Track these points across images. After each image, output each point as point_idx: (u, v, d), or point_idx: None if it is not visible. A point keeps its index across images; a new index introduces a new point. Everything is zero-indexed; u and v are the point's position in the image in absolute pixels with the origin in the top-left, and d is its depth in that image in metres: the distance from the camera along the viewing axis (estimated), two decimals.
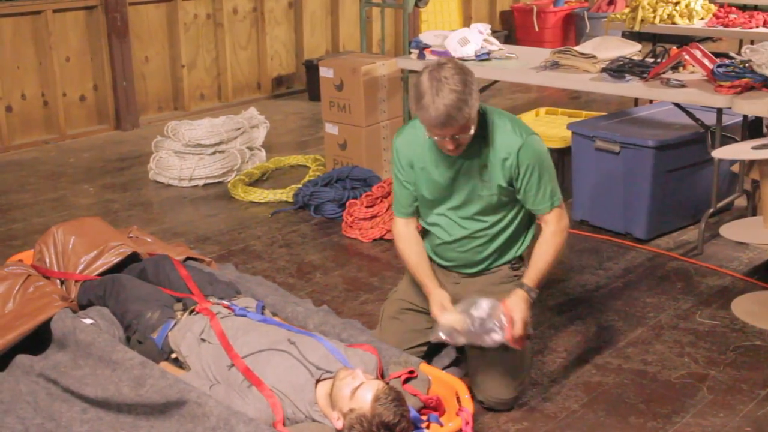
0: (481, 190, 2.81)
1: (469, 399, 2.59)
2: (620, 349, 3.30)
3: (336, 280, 3.98)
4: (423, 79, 2.61)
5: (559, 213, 2.85)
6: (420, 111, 2.62)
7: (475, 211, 2.87)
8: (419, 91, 2.61)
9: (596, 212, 4.48)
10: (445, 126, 2.60)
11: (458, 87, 2.57)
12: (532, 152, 2.76)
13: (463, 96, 2.58)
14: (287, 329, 2.88)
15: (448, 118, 2.58)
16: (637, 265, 4.07)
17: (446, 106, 2.56)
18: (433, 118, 2.59)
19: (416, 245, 2.98)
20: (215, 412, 2.46)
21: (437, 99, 2.56)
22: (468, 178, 2.81)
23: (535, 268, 2.82)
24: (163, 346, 2.92)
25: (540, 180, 2.78)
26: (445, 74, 2.58)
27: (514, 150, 2.74)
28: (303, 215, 4.82)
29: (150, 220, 4.84)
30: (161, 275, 3.28)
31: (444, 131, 2.62)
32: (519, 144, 2.74)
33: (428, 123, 2.63)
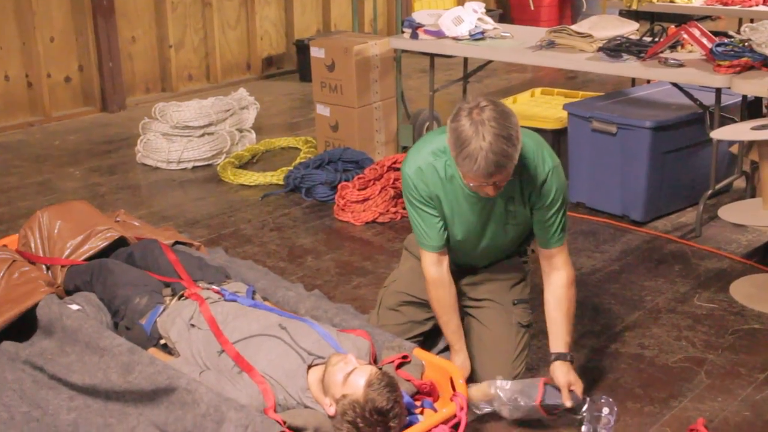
0: (508, 222, 2.75)
1: (464, 384, 2.59)
2: (617, 333, 3.31)
3: (328, 264, 3.98)
4: (463, 123, 2.39)
5: (566, 250, 2.76)
6: (464, 161, 2.39)
7: (500, 244, 2.86)
8: (460, 138, 2.39)
9: (593, 194, 4.48)
10: (492, 176, 2.42)
11: (505, 132, 2.37)
12: (559, 181, 2.66)
13: (511, 142, 2.38)
14: (278, 314, 2.88)
15: (498, 168, 2.39)
16: (634, 248, 4.07)
17: (496, 155, 2.36)
18: (482, 169, 2.38)
19: (449, 295, 2.80)
20: (205, 398, 2.46)
21: (484, 146, 2.35)
22: (497, 215, 2.72)
23: (562, 332, 2.73)
24: (151, 332, 2.92)
25: (559, 211, 2.69)
26: (486, 116, 2.37)
27: (540, 179, 2.63)
28: (294, 198, 4.81)
29: (138, 203, 4.82)
30: (149, 260, 3.27)
31: (489, 180, 2.45)
32: (547, 172, 2.63)
33: (474, 174, 2.41)
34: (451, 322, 2.83)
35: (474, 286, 2.97)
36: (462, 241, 2.80)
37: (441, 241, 2.76)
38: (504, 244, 2.86)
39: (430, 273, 2.80)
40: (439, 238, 2.75)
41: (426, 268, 2.80)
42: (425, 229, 2.75)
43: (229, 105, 5.59)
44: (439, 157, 2.65)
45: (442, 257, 2.79)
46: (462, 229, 2.76)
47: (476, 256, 2.91)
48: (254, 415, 2.38)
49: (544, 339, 3.24)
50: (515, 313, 2.95)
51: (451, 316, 2.83)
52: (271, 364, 2.61)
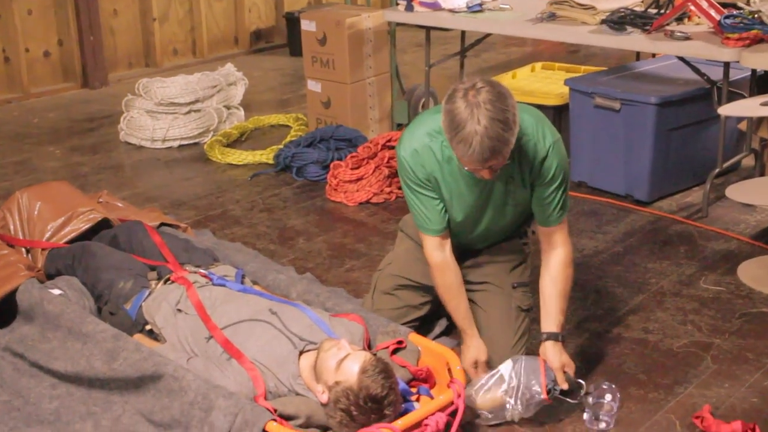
0: (508, 202, 2.75)
1: (461, 370, 2.60)
2: (620, 317, 3.32)
3: (320, 246, 3.98)
4: (458, 105, 2.38)
5: (566, 228, 2.75)
6: (459, 145, 2.39)
7: (500, 225, 2.86)
8: (455, 121, 2.38)
9: (595, 173, 4.48)
10: (488, 161, 2.41)
11: (501, 115, 2.35)
12: (559, 157, 2.65)
13: (507, 126, 2.37)
14: (268, 299, 2.88)
15: (493, 154, 2.39)
16: (638, 229, 4.08)
17: (491, 140, 2.35)
18: (476, 154, 2.38)
19: (456, 279, 2.79)
20: (193, 386, 2.47)
21: (479, 130, 2.34)
22: (496, 196, 2.73)
23: (554, 311, 2.72)
24: (136, 318, 2.92)
25: (559, 188, 2.68)
26: (482, 98, 2.35)
27: (540, 156, 2.62)
28: (284, 178, 4.80)
29: (121, 184, 4.81)
30: (134, 242, 3.27)
31: (485, 165, 2.44)
32: (547, 148, 2.62)
33: (469, 158, 2.41)
34: (461, 306, 2.82)
35: (472, 268, 2.98)
36: (460, 223, 2.80)
37: (443, 223, 2.76)
38: (503, 225, 2.87)
39: (434, 258, 2.79)
40: (440, 220, 2.75)
41: (429, 253, 2.79)
42: (425, 212, 2.74)
43: (216, 81, 5.57)
44: (435, 137, 2.65)
45: (445, 240, 2.79)
46: (461, 210, 2.76)
47: (475, 238, 2.91)
48: (244, 403, 2.39)
49: None
50: (515, 296, 2.95)
51: (460, 300, 2.82)
52: (261, 350, 2.62)
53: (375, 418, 2.37)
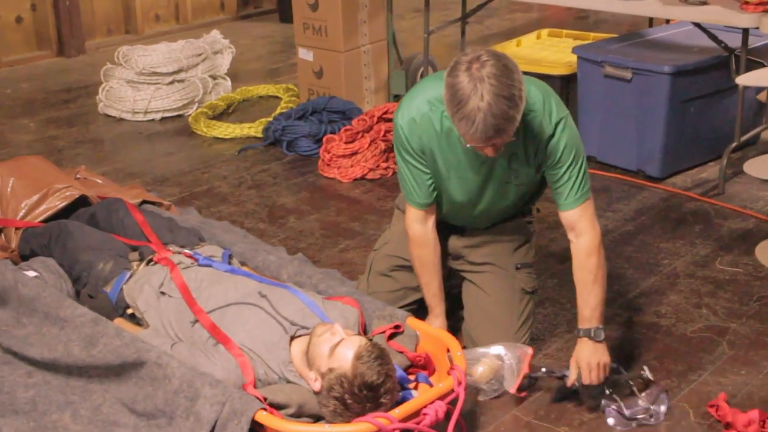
0: (511, 180, 2.73)
1: (462, 356, 2.60)
2: (631, 300, 3.33)
3: (312, 226, 3.97)
4: (461, 79, 2.35)
5: (588, 212, 2.69)
6: (461, 121, 2.37)
7: (502, 204, 2.85)
8: (457, 96, 2.35)
9: (605, 147, 4.47)
10: (491, 140, 2.40)
11: (507, 91, 2.33)
12: (569, 134, 2.62)
13: (513, 103, 2.34)
14: (258, 281, 2.88)
15: (497, 132, 2.37)
16: (650, 207, 4.08)
17: (495, 118, 2.33)
18: (479, 132, 2.36)
19: (433, 255, 2.82)
20: (177, 373, 2.47)
21: (483, 107, 2.31)
22: (498, 173, 2.71)
23: (584, 305, 2.67)
24: (117, 301, 2.92)
25: (572, 168, 2.64)
26: (487, 72, 2.32)
27: (546, 134, 2.60)
28: (274, 152, 4.79)
29: (100, 159, 4.80)
30: (114, 221, 3.26)
31: (488, 143, 2.42)
32: (554, 125, 2.60)
33: (471, 136, 2.39)
34: (432, 283, 2.87)
35: (473, 248, 2.98)
36: (459, 200, 2.79)
37: (429, 198, 2.77)
38: (505, 204, 2.86)
39: (413, 230, 2.82)
40: (427, 195, 2.76)
41: (409, 224, 2.83)
42: (413, 184, 2.75)
43: (202, 49, 5.55)
44: (436, 107, 2.63)
45: (429, 215, 2.81)
46: (460, 186, 2.75)
47: (475, 217, 2.91)
48: (232, 392, 2.39)
49: (550, 306, 3.26)
50: (518, 278, 2.95)
51: (432, 277, 2.87)
52: (249, 335, 2.62)
53: (370, 406, 2.38)
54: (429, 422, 2.38)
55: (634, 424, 2.61)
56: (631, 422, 2.61)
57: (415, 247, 2.85)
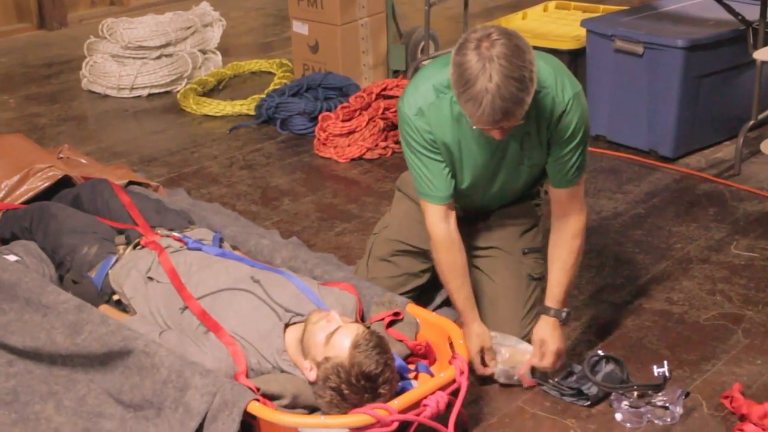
0: (523, 162, 2.73)
1: (464, 344, 2.61)
2: (641, 286, 3.33)
3: (307, 208, 3.97)
4: (469, 58, 2.33)
5: (581, 191, 2.73)
6: (467, 103, 2.36)
7: (513, 187, 2.85)
8: (464, 76, 2.34)
9: (615, 126, 4.47)
10: (498, 123, 2.39)
11: (517, 72, 2.31)
12: (581, 111, 2.63)
13: (523, 85, 2.33)
14: (250, 265, 2.88)
15: (505, 115, 2.36)
16: (663, 188, 4.08)
17: (504, 101, 2.32)
18: (486, 115, 2.35)
19: (461, 257, 2.77)
20: (166, 362, 2.47)
21: (491, 88, 2.30)
22: (511, 155, 2.71)
23: (558, 285, 2.74)
24: (102, 287, 2.92)
25: (579, 146, 2.66)
26: (497, 52, 2.31)
27: (559, 111, 2.60)
28: (267, 131, 4.79)
29: (84, 137, 4.80)
30: (99, 203, 3.26)
31: (495, 126, 2.42)
32: (567, 102, 2.60)
33: (478, 119, 2.39)
34: (464, 287, 2.79)
35: (479, 233, 2.98)
36: (471, 187, 2.79)
37: (449, 190, 2.73)
38: (517, 187, 2.86)
39: (437, 232, 2.75)
40: (446, 186, 2.72)
41: (432, 225, 2.76)
42: (430, 177, 2.71)
43: (191, 22, 5.53)
44: (444, 93, 2.62)
45: (450, 211, 2.76)
46: (471, 173, 2.75)
47: (486, 202, 2.91)
48: (223, 382, 2.39)
49: None
50: (525, 263, 2.96)
51: (463, 280, 2.79)
52: (241, 322, 2.62)
53: (368, 397, 2.38)
54: (430, 414, 2.38)
55: (645, 421, 2.61)
56: (641, 420, 2.61)
57: (442, 252, 2.77)
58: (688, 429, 2.60)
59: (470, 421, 2.61)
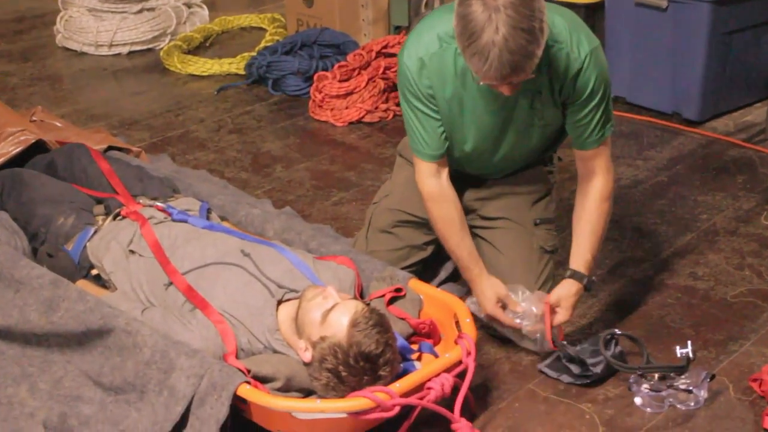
0: (534, 123, 2.73)
1: (471, 323, 2.61)
2: (663, 260, 3.33)
3: (302, 175, 3.97)
4: (474, 9, 2.32)
5: (607, 152, 2.75)
6: (473, 57, 2.36)
7: (523, 150, 2.84)
8: (469, 28, 2.33)
9: (636, 86, 4.46)
10: (506, 78, 2.39)
11: (526, 23, 2.30)
12: (599, 69, 2.62)
13: (533, 36, 2.32)
14: (240, 238, 2.88)
15: (513, 70, 2.36)
16: (687, 154, 4.07)
17: (512, 54, 2.31)
18: (494, 70, 2.35)
19: (456, 210, 2.80)
20: (149, 342, 2.47)
21: (498, 41, 2.29)
22: (520, 115, 2.70)
23: (588, 250, 2.76)
24: (80, 260, 2.92)
25: (599, 106, 2.66)
26: (503, 2, 2.29)
27: (575, 69, 2.59)
28: (258, 92, 4.78)
29: (59, 98, 4.80)
30: (76, 169, 3.26)
31: (503, 82, 2.43)
32: (584, 59, 2.58)
33: (484, 74, 2.40)
34: (464, 241, 2.82)
35: (486, 201, 2.97)
36: (476, 148, 2.79)
37: (441, 149, 2.75)
38: (527, 150, 2.85)
39: (428, 186, 2.80)
40: (439, 145, 2.74)
41: (422, 180, 2.80)
42: (423, 133, 2.73)
43: None
44: (448, 43, 2.61)
45: (442, 167, 2.79)
46: (476, 133, 2.74)
47: (492, 167, 2.90)
48: (211, 363, 2.39)
49: None
50: (537, 235, 2.96)
51: (462, 235, 2.82)
52: (231, 299, 2.62)
53: (368, 379, 2.39)
54: (434, 397, 2.39)
55: (667, 406, 2.62)
56: (663, 404, 2.61)
57: (433, 206, 2.81)
58: (713, 414, 2.61)
59: (478, 405, 2.62)
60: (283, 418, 2.36)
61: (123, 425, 2.42)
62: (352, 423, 2.36)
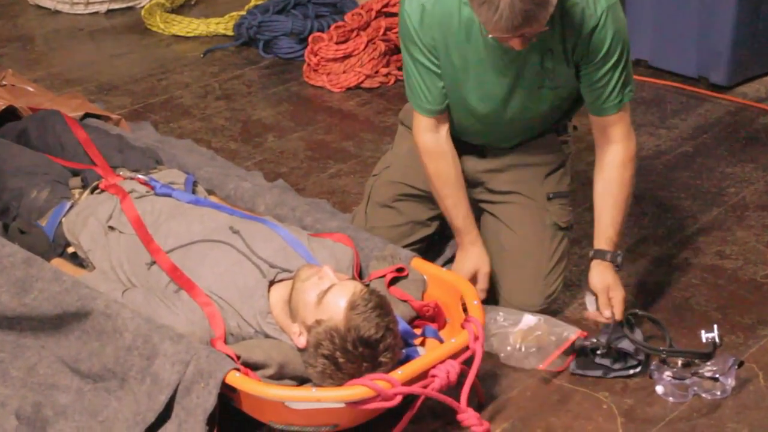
0: (544, 83, 2.71)
1: (479, 305, 2.61)
2: (687, 237, 3.34)
3: (296, 145, 3.97)
4: None
5: (626, 118, 2.75)
6: (481, 7, 2.35)
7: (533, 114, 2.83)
8: None
9: (659, 49, 4.46)
10: (518, 29, 2.39)
11: None
12: (616, 26, 2.61)
13: None
14: (229, 213, 2.89)
15: (526, 20, 2.36)
16: (714, 122, 4.07)
17: (524, 2, 2.32)
18: (504, 21, 2.35)
19: (454, 168, 2.84)
20: (130, 326, 2.47)
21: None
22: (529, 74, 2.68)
23: (612, 224, 2.77)
24: (55, 237, 2.93)
25: (616, 67, 2.65)
26: None
27: (589, 26, 2.58)
28: (248, 54, 4.78)
29: (31, 61, 4.80)
30: (50, 138, 3.26)
31: (515, 33, 2.43)
32: (600, 15, 2.57)
33: (494, 25, 2.39)
34: (460, 203, 2.85)
35: (495, 173, 2.97)
36: (480, 110, 2.78)
37: (441, 104, 2.78)
38: (537, 115, 2.84)
39: (424, 141, 2.83)
40: (439, 100, 2.77)
41: (419, 135, 2.83)
42: (423, 87, 2.75)
43: None
44: None
45: (441, 123, 2.82)
46: (481, 92, 2.74)
47: (499, 133, 2.89)
48: (197, 348, 2.40)
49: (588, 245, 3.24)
50: (550, 210, 2.95)
51: (459, 195, 2.85)
52: (219, 279, 2.62)
53: (367, 366, 2.39)
54: (439, 386, 2.39)
55: (691, 395, 2.62)
56: (687, 393, 2.61)
57: (430, 161, 2.84)
58: (741, 404, 2.61)
59: (486, 394, 2.62)
60: (275, 408, 2.36)
61: (102, 415, 2.43)
62: (351, 413, 2.37)
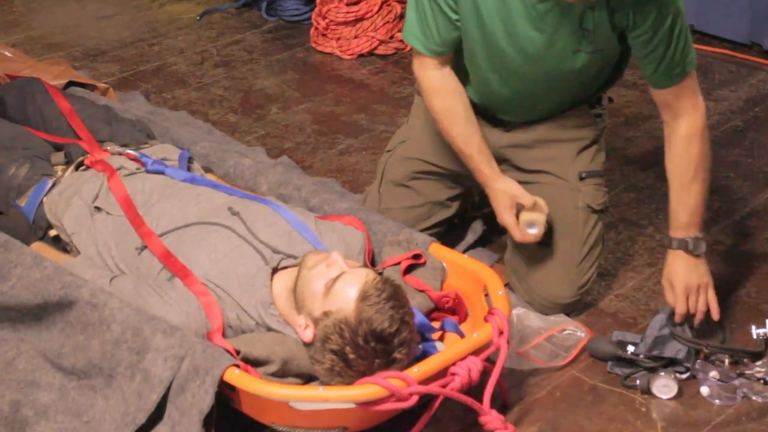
0: (581, 48, 2.70)
1: (504, 296, 2.61)
2: (737, 222, 3.34)
3: (302, 118, 3.98)
4: None
5: (690, 88, 2.73)
6: None
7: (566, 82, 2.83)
8: None
9: (707, 13, 4.46)
10: None
11: None
12: None
13: None
14: (227, 193, 2.89)
15: None
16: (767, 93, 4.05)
17: None
18: None
19: (461, 102, 2.86)
20: (119, 317, 2.48)
21: None
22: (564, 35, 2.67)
23: (680, 206, 2.76)
24: (36, 219, 2.94)
25: (670, 33, 2.63)
26: None
27: None
28: (249, 17, 4.78)
29: (10, 23, 4.81)
30: (29, 109, 3.27)
31: None
32: None
33: None
34: (473, 137, 2.85)
35: (521, 149, 2.97)
36: (506, 73, 2.78)
37: (449, 46, 2.78)
38: (570, 83, 2.83)
39: (429, 78, 2.85)
40: (448, 42, 2.77)
41: (421, 73, 2.85)
42: (431, 22, 2.75)
43: None
44: None
45: (446, 62, 2.83)
46: (508, 50, 2.72)
47: (527, 102, 2.89)
48: (193, 342, 2.40)
49: (625, 230, 3.28)
50: (583, 191, 2.95)
51: (471, 131, 2.85)
52: (216, 266, 2.63)
53: (380, 363, 2.39)
54: (459, 385, 2.39)
55: (740, 397, 2.61)
56: (735, 396, 2.61)
57: (435, 99, 2.86)
58: None
59: (511, 394, 2.63)
60: (278, 409, 2.37)
61: (87, 416, 2.44)
62: (362, 414, 2.37)
